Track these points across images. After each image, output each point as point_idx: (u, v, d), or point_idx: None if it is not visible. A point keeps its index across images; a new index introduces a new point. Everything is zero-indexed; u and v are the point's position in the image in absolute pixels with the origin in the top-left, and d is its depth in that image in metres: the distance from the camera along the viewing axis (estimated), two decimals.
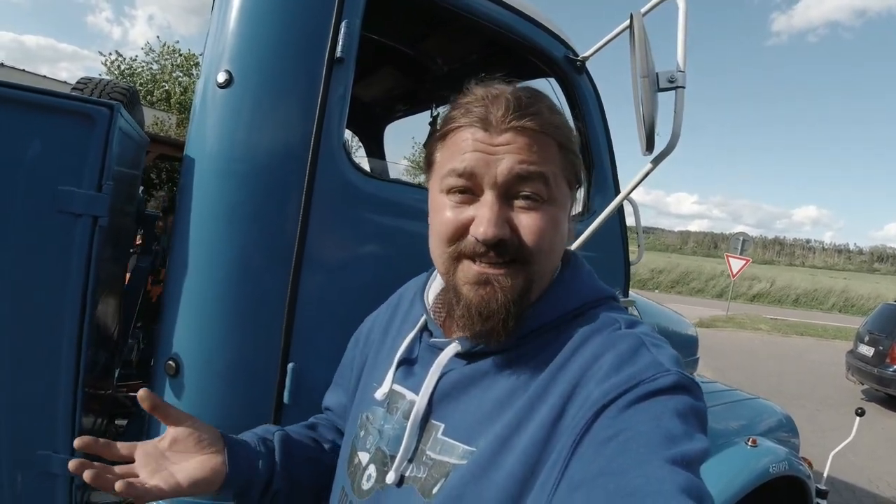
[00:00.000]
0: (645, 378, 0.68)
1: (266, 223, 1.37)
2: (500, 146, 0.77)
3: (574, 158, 0.84)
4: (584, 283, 0.87)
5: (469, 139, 0.79)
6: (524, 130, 0.77)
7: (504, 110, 0.78)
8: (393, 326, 1.02)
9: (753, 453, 2.42)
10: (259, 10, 1.38)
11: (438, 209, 0.82)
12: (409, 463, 0.82)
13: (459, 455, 0.77)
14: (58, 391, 1.32)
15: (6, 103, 1.26)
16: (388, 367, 0.93)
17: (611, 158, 2.07)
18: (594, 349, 0.75)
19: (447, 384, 0.83)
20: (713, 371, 9.87)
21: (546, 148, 0.79)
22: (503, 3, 1.72)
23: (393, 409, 0.89)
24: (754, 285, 31.54)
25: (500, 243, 0.76)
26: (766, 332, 16.78)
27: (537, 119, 0.78)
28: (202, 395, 1.36)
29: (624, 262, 2.16)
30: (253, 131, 1.37)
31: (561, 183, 0.81)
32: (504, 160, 0.76)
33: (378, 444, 0.88)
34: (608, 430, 0.65)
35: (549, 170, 0.78)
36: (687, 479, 0.58)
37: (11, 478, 1.33)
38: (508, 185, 0.77)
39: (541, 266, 0.80)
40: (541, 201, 0.78)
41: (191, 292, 1.36)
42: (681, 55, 1.43)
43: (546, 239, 0.78)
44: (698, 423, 0.67)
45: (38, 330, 1.31)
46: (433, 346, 0.88)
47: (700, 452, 0.63)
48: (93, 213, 1.30)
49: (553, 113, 0.81)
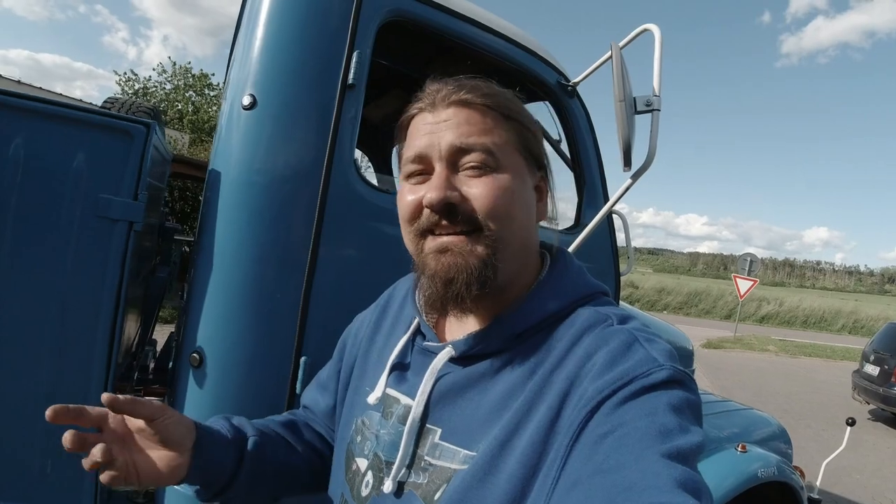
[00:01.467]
0: (639, 374, 0.68)
1: (283, 229, 1.52)
2: (443, 122, 0.80)
3: (524, 131, 0.84)
4: (574, 280, 0.87)
5: (419, 125, 0.83)
6: (463, 104, 0.80)
7: (446, 91, 0.82)
8: (383, 327, 1.02)
9: (743, 458, 2.47)
10: (280, 40, 1.55)
11: (401, 196, 0.84)
12: (407, 469, 0.81)
13: (461, 460, 0.76)
14: (90, 381, 1.46)
15: (57, 119, 1.43)
16: (379, 371, 0.93)
17: (601, 175, 2.21)
18: (588, 346, 0.75)
19: (443, 388, 0.83)
20: (720, 390, 9.86)
21: (486, 119, 0.80)
22: (498, 33, 1.88)
23: (388, 414, 0.88)
24: (763, 306, 31.33)
25: (449, 208, 0.78)
26: (775, 352, 16.70)
27: (475, 92, 0.80)
28: (222, 385, 1.50)
29: (614, 274, 2.29)
30: (273, 148, 1.53)
31: (510, 152, 0.81)
32: (446, 134, 0.79)
33: (375, 449, 0.87)
34: (604, 426, 0.65)
35: (489, 140, 0.79)
36: (683, 473, 0.58)
37: (42, 464, 1.46)
38: (453, 158, 0.79)
39: (501, 232, 0.79)
40: (487, 169, 0.79)
41: (214, 291, 1.51)
42: (656, 81, 1.58)
43: (497, 203, 0.78)
44: (693, 416, 0.67)
45: (78, 323, 1.46)
46: (427, 350, 0.88)
47: (696, 445, 0.63)
48: (129, 219, 1.46)
49: (499, 93, 0.83)
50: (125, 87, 22.43)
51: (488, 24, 1.86)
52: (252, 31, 1.57)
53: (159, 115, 2.99)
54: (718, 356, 14.86)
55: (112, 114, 1.50)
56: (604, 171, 2.24)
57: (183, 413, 1.49)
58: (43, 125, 1.42)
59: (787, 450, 3.02)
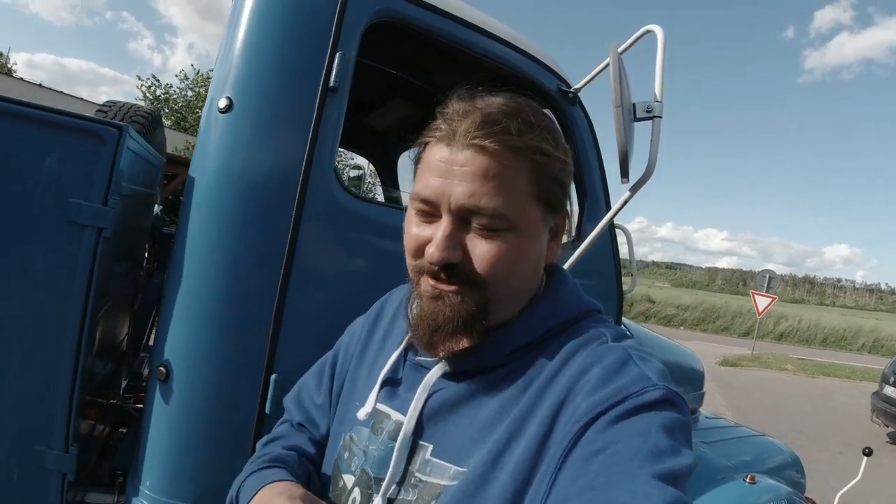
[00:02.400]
0: (632, 392, 0.68)
1: (256, 239, 1.44)
2: (458, 167, 0.75)
3: (548, 180, 0.79)
4: (569, 298, 0.86)
5: (434, 158, 0.78)
6: (483, 150, 0.74)
7: (468, 125, 0.75)
8: (374, 340, 1.00)
9: (751, 490, 2.36)
10: (259, 40, 1.47)
11: (408, 223, 0.83)
12: (397, 486, 0.80)
13: (451, 476, 0.76)
14: (56, 390, 1.39)
15: (27, 121, 1.37)
16: (370, 385, 0.92)
17: (603, 186, 2.11)
18: (581, 363, 0.75)
19: (435, 404, 0.82)
20: (735, 410, 9.66)
21: (507, 172, 0.75)
22: (495, 36, 1.80)
23: (378, 430, 0.87)
24: (781, 323, 30.83)
25: (449, 266, 0.76)
26: (792, 371, 16.36)
27: (499, 138, 0.74)
28: (188, 402, 1.42)
29: (617, 291, 2.19)
30: (248, 153, 1.45)
31: (526, 207, 0.77)
32: (458, 187, 0.74)
33: (363, 465, 0.86)
34: (595, 443, 0.65)
35: (502, 201, 0.74)
36: (673, 496, 0.58)
37: (8, 470, 1.40)
38: (462, 213, 0.76)
39: (497, 291, 0.78)
40: (496, 232, 0.76)
41: (182, 303, 1.43)
42: (658, 85, 1.49)
43: (501, 266, 0.76)
44: (684, 438, 0.67)
45: (43, 330, 1.39)
46: (419, 365, 0.87)
47: (686, 468, 0.62)
48: (98, 225, 1.39)
49: (527, 131, 0.76)
50: (147, 93, 22.76)
51: (484, 27, 1.77)
52: (234, 31, 1.50)
53: (158, 120, 2.95)
54: (735, 374, 14.58)
55: (85, 116, 1.44)
56: (606, 183, 2.14)
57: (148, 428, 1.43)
58: (12, 126, 1.35)
59: (800, 479, 2.91)
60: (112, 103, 2.82)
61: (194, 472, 1.43)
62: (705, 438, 2.76)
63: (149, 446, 1.46)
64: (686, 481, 0.63)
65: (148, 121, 2.70)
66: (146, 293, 2.73)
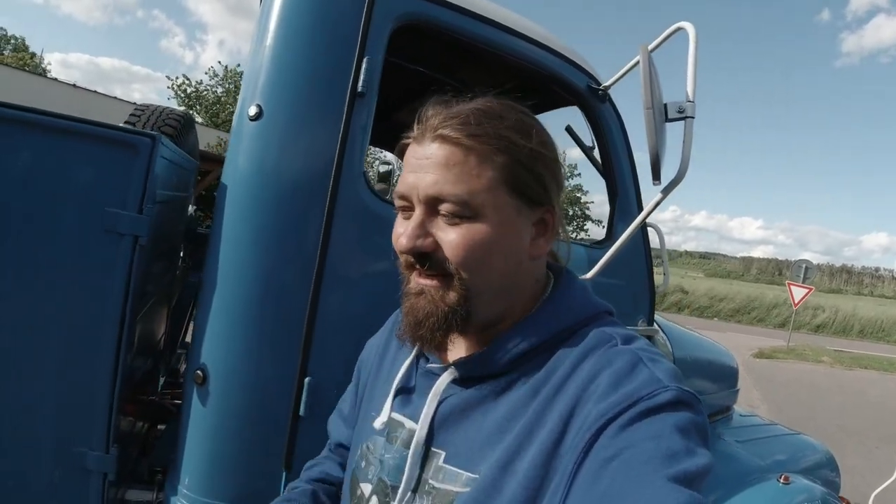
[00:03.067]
0: (644, 395, 0.67)
1: (289, 245, 1.46)
2: (425, 159, 0.77)
3: (518, 168, 0.78)
4: (577, 300, 0.85)
5: (410, 156, 0.81)
6: (446, 139, 0.76)
7: (435, 121, 0.78)
8: (389, 352, 1.02)
9: (785, 491, 2.30)
10: (287, 48, 1.49)
11: (395, 225, 0.84)
12: (412, 493, 0.81)
13: (463, 482, 0.76)
14: (96, 393, 1.44)
15: (65, 134, 1.41)
16: (385, 395, 0.92)
17: (635, 186, 2.08)
18: (591, 368, 0.74)
19: (446, 410, 0.82)
20: (770, 404, 9.48)
21: (469, 159, 0.76)
22: (522, 34, 1.78)
23: (392, 439, 0.88)
24: (818, 314, 30.07)
25: (420, 255, 0.78)
26: (829, 364, 15.98)
27: (461, 128, 0.76)
28: (224, 405, 1.45)
29: (649, 289, 2.16)
30: (280, 159, 1.47)
31: (494, 195, 0.77)
32: (425, 177, 0.77)
33: (379, 474, 0.87)
34: (609, 449, 0.64)
35: (465, 188, 0.75)
36: (689, 498, 0.57)
37: (50, 472, 1.45)
38: (430, 203, 0.77)
39: (474, 282, 0.78)
40: (461, 218, 0.77)
41: (218, 308, 1.46)
42: (690, 85, 1.45)
43: (468, 254, 0.76)
44: (700, 438, 0.66)
45: (82, 336, 1.44)
46: (429, 372, 0.88)
47: (702, 468, 0.62)
48: (134, 233, 1.43)
49: (491, 121, 0.78)
50: (178, 90, 23.14)
51: (511, 26, 1.75)
52: (261, 39, 1.52)
53: (190, 122, 2.99)
54: (770, 367, 14.28)
55: (119, 127, 1.47)
56: (638, 182, 2.11)
57: (186, 430, 1.47)
58: (50, 138, 1.40)
59: (835, 478, 2.84)
60: (145, 107, 2.87)
61: (231, 473, 1.47)
62: (739, 437, 2.72)
63: (187, 447, 1.49)
64: (703, 481, 0.61)
65: (180, 123, 2.74)
66: (182, 292, 2.79)
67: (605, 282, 1.92)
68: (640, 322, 2.10)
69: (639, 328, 2.05)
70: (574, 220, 26.81)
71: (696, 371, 2.77)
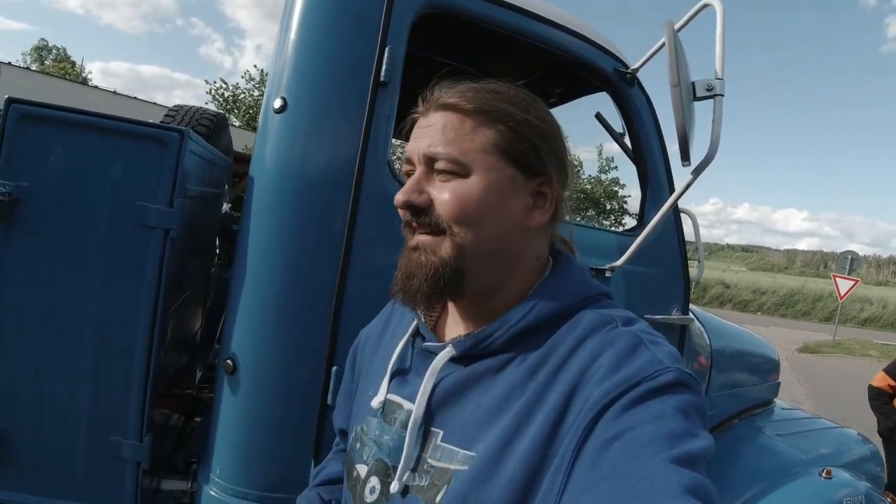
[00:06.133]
0: (645, 376, 0.68)
1: (315, 235, 1.47)
2: (427, 127, 0.83)
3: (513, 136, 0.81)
4: (575, 281, 0.86)
5: (415, 129, 0.86)
6: (444, 107, 0.82)
7: (438, 94, 0.84)
8: (386, 335, 1.03)
9: (827, 485, 2.24)
10: (309, 40, 1.50)
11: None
12: (412, 472, 0.81)
13: (460, 461, 0.76)
14: (131, 383, 1.48)
15: (97, 131, 1.45)
16: (381, 377, 0.94)
17: (667, 171, 2.03)
18: (592, 349, 0.74)
19: (443, 389, 0.83)
20: (816, 400, 9.21)
21: (465, 124, 0.81)
22: (546, 19, 1.75)
23: (391, 420, 0.88)
24: (865, 308, 29.03)
25: (414, 209, 0.82)
26: (876, 358, 15.40)
27: (460, 95, 0.82)
28: (254, 393, 1.47)
29: (683, 279, 2.11)
30: (305, 150, 1.48)
31: (488, 157, 0.80)
32: (424, 140, 0.82)
33: (378, 455, 0.88)
34: (610, 430, 0.65)
35: (457, 147, 0.80)
36: (692, 479, 0.58)
37: (85, 460, 1.50)
38: (429, 162, 0.82)
39: (466, 237, 0.80)
40: (453, 175, 0.80)
41: (247, 298, 1.48)
42: (719, 62, 1.41)
43: (458, 208, 0.79)
44: (700, 419, 0.67)
45: (117, 327, 1.48)
46: (426, 351, 0.89)
47: (703, 450, 0.62)
48: (164, 226, 1.46)
49: (487, 92, 0.82)
50: (216, 95, 23.61)
51: (535, 11, 1.73)
52: (285, 33, 1.53)
53: (224, 121, 3.04)
54: (815, 361, 13.88)
55: (146, 122, 1.51)
56: (670, 167, 2.06)
57: (217, 419, 1.49)
58: (81, 135, 1.44)
59: (879, 473, 2.76)
60: (179, 107, 2.93)
61: (261, 461, 1.49)
62: (780, 431, 2.64)
63: (218, 436, 1.52)
64: (704, 463, 0.62)
65: (213, 123, 2.79)
66: (219, 289, 2.84)
67: (637, 270, 1.89)
68: (674, 311, 2.05)
69: (672, 317, 2.01)
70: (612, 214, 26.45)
71: (734, 362, 2.70)
